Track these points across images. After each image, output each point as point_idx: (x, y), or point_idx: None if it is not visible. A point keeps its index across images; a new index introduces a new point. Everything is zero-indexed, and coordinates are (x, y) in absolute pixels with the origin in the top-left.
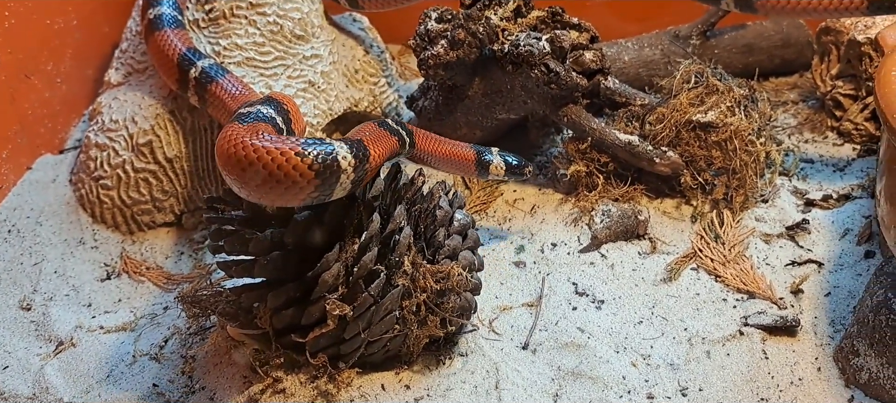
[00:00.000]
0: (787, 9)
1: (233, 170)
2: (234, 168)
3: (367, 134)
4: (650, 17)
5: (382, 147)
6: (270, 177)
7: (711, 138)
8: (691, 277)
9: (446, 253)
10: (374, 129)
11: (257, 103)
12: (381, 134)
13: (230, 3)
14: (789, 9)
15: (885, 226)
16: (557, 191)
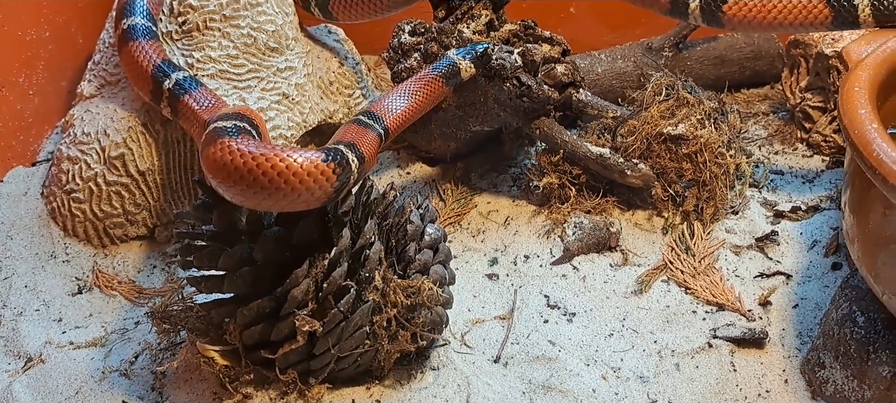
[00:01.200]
0: (753, 23)
1: (252, 186)
2: (254, 183)
3: (354, 134)
4: (627, 25)
5: (371, 145)
6: (299, 187)
7: (682, 150)
8: (662, 289)
9: (417, 267)
10: (357, 129)
11: (232, 116)
12: (363, 131)
13: (204, 16)
14: (755, 23)
15: (850, 239)
16: (531, 202)
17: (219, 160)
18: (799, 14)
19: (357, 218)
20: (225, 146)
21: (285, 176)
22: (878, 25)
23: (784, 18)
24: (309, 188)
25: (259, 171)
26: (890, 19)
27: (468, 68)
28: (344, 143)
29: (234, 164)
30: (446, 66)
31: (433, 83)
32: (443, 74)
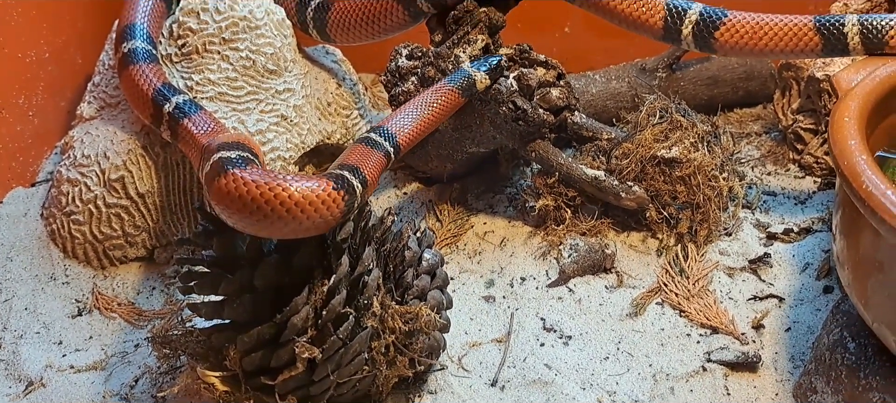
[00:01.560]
0: (744, 50)
1: (261, 216)
2: (263, 213)
3: (359, 157)
4: (622, 45)
5: (375, 167)
6: (309, 215)
7: (676, 173)
8: (656, 312)
9: (415, 293)
10: (363, 150)
11: (234, 147)
12: (368, 152)
13: (203, 39)
14: (747, 50)
15: (840, 263)
16: (527, 223)
17: (229, 192)
18: (789, 41)
19: (356, 244)
20: (235, 178)
21: (295, 205)
22: (867, 53)
23: (775, 46)
24: (318, 215)
25: (270, 201)
26: (879, 47)
27: (483, 80)
28: (348, 168)
29: (245, 196)
30: (462, 78)
31: (450, 95)
32: (459, 86)
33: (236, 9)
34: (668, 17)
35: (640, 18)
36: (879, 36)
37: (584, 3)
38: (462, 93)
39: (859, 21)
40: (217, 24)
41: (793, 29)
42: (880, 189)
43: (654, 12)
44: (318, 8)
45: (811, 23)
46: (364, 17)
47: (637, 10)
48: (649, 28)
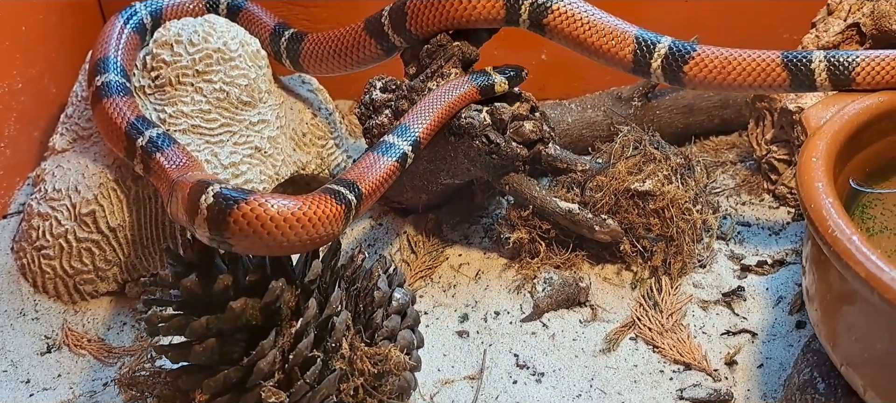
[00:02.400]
0: (713, 84)
1: (277, 238)
2: (280, 236)
3: (363, 169)
4: (597, 73)
5: (376, 180)
6: (320, 234)
7: (649, 206)
8: (630, 347)
9: (385, 334)
10: (373, 159)
11: (220, 181)
12: (376, 160)
13: (176, 71)
14: (715, 84)
15: (809, 298)
16: (502, 255)
17: (254, 218)
18: (758, 76)
19: (326, 283)
20: (259, 204)
21: (311, 225)
22: (834, 89)
23: (743, 80)
24: (326, 232)
25: (292, 225)
26: (846, 83)
27: (502, 83)
28: (346, 183)
29: (268, 222)
30: (483, 77)
31: (471, 90)
32: (480, 85)
33: (210, 41)
34: (638, 51)
35: (610, 51)
36: (846, 72)
37: (555, 35)
38: (480, 92)
39: (826, 57)
40: (191, 56)
41: (761, 64)
42: (846, 234)
43: (625, 45)
44: (292, 39)
45: (779, 58)
46: (337, 50)
47: (607, 43)
48: (619, 61)
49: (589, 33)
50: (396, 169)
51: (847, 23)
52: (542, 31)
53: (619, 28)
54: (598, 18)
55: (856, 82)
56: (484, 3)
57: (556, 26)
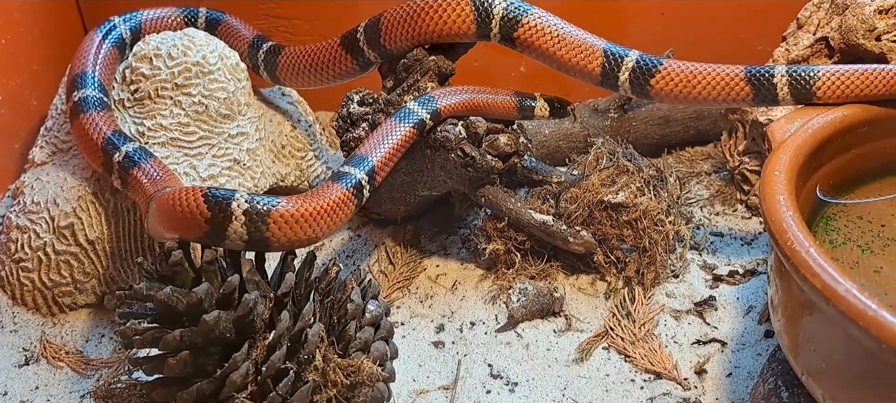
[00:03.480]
0: (679, 98)
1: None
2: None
3: (372, 145)
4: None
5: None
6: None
7: (622, 218)
8: (603, 357)
9: (358, 345)
10: (389, 127)
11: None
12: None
13: (155, 84)
14: (681, 98)
15: (773, 308)
16: (479, 266)
17: (300, 214)
18: (722, 91)
19: (300, 294)
20: (304, 202)
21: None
22: (796, 103)
23: (708, 94)
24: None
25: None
26: (807, 97)
27: (543, 108)
28: (353, 163)
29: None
30: (527, 98)
31: (508, 102)
32: (519, 104)
33: (189, 54)
34: (606, 64)
35: (579, 65)
36: (807, 86)
37: (526, 49)
38: (518, 109)
39: (788, 72)
40: (170, 69)
41: (725, 78)
42: (804, 246)
43: (593, 59)
44: (270, 51)
45: (742, 73)
46: (313, 64)
47: (576, 57)
48: (588, 74)
49: (558, 47)
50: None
51: (816, 36)
52: (513, 45)
53: (588, 42)
54: (568, 32)
55: (817, 96)
56: (455, 18)
57: (526, 40)
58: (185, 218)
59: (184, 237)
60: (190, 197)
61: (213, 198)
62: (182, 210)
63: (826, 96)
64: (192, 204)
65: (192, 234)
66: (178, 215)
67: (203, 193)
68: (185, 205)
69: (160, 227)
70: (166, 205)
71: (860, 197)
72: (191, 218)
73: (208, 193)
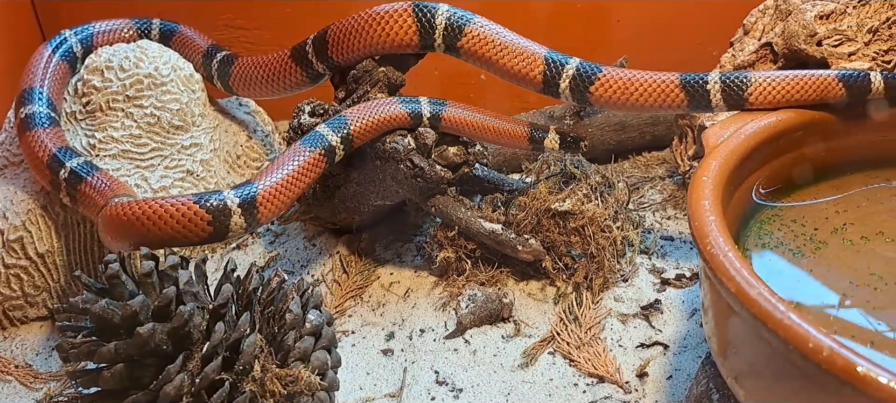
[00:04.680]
0: (617, 104)
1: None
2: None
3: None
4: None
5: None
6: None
7: (570, 225)
8: (548, 361)
9: (297, 355)
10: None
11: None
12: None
13: (107, 97)
14: (619, 104)
15: (704, 311)
16: (432, 273)
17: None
18: (658, 97)
19: (240, 306)
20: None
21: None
22: (729, 109)
23: (645, 101)
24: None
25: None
26: (740, 103)
27: (553, 140)
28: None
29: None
30: (539, 130)
31: (519, 131)
32: (530, 132)
33: (141, 66)
34: (548, 71)
35: (521, 72)
36: (740, 92)
37: (469, 57)
38: (529, 139)
39: (721, 78)
40: (121, 81)
41: (660, 85)
42: (722, 249)
43: (535, 66)
44: (223, 61)
45: (677, 80)
46: (264, 75)
47: (518, 64)
48: (530, 81)
49: (500, 55)
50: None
51: (761, 42)
52: (457, 54)
53: (530, 49)
54: (510, 40)
55: (749, 102)
56: (398, 30)
57: (470, 49)
58: (186, 227)
59: (181, 244)
60: (184, 208)
61: (208, 202)
62: (180, 221)
63: (758, 102)
64: (189, 213)
65: (194, 239)
66: (177, 227)
67: (196, 201)
68: (182, 216)
69: (150, 241)
70: (155, 219)
71: (796, 200)
72: (192, 226)
73: (202, 200)
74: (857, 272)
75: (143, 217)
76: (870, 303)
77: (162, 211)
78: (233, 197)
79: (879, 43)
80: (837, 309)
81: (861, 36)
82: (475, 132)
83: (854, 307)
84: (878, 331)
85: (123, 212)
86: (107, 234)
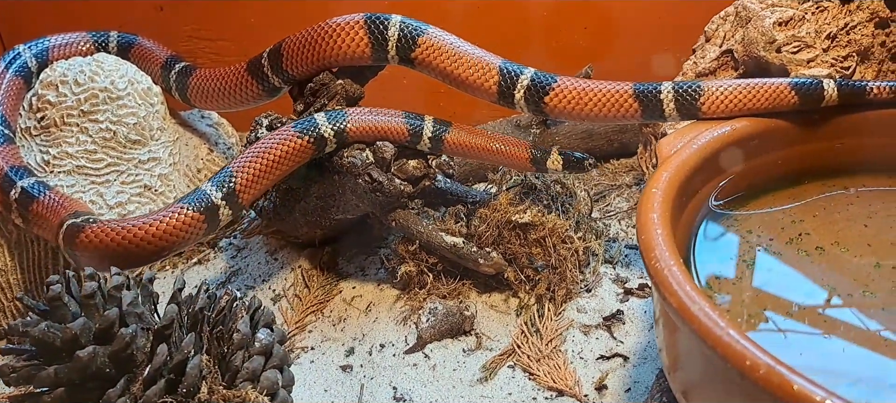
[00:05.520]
0: (572, 115)
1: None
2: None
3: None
4: None
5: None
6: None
7: (531, 236)
8: (507, 375)
9: (245, 376)
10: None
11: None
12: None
13: (61, 112)
14: (574, 115)
15: (656, 323)
16: (395, 286)
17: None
18: (611, 108)
19: (188, 327)
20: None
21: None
22: (682, 118)
23: (599, 111)
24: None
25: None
26: (693, 113)
27: (556, 161)
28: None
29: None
30: (540, 151)
31: (521, 147)
32: (531, 152)
33: (97, 80)
34: (502, 82)
35: (475, 82)
36: (692, 102)
37: (424, 68)
38: (531, 160)
39: (674, 88)
40: (76, 96)
41: (614, 95)
42: (668, 264)
43: (489, 77)
44: (181, 72)
45: (631, 89)
46: (221, 88)
47: (473, 75)
48: (485, 91)
49: (455, 65)
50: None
51: (722, 49)
52: (411, 65)
53: (485, 59)
54: (464, 50)
55: (702, 111)
56: (350, 42)
57: (424, 59)
58: (185, 232)
59: (178, 249)
60: (178, 214)
61: (199, 203)
62: (176, 229)
63: (711, 111)
64: (185, 219)
65: (192, 241)
66: (174, 235)
67: (188, 205)
68: (178, 223)
69: (145, 257)
70: (149, 237)
71: (752, 210)
72: (191, 228)
73: (192, 201)
74: (811, 284)
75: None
76: (819, 317)
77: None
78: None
79: (838, 49)
80: (788, 319)
81: (820, 42)
82: (478, 155)
83: (804, 321)
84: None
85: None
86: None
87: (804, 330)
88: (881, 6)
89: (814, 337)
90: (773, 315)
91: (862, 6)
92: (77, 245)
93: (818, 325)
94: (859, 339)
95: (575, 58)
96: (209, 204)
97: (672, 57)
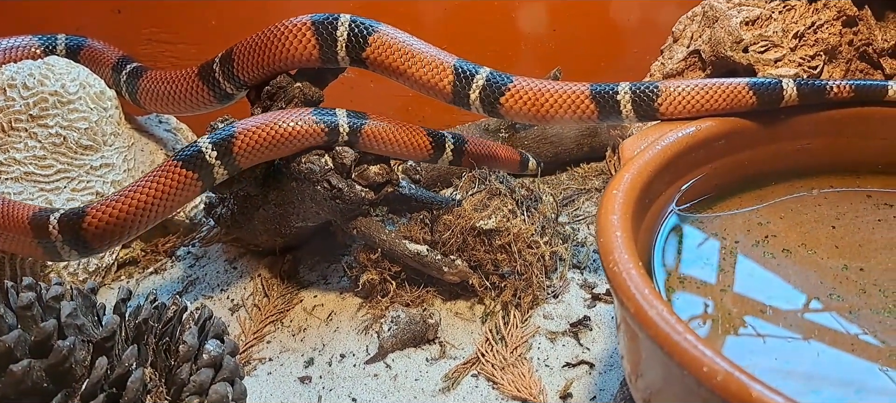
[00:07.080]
0: (528, 116)
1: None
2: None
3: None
4: None
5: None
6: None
7: (496, 242)
8: (471, 384)
9: (192, 389)
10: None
11: None
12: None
13: (9, 116)
14: (530, 116)
15: (618, 329)
16: (357, 295)
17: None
18: (568, 108)
19: (130, 339)
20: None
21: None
22: (639, 120)
23: (556, 112)
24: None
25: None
26: (650, 114)
27: (535, 166)
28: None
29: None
30: (526, 159)
31: (512, 153)
32: (522, 159)
33: (46, 84)
34: (457, 82)
35: (430, 82)
36: (650, 103)
37: (377, 68)
38: (521, 165)
39: (631, 88)
40: (25, 100)
41: (571, 96)
42: (626, 267)
43: (444, 76)
44: (132, 74)
45: (587, 90)
46: (171, 92)
47: (427, 74)
48: (440, 92)
49: (409, 64)
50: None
51: (689, 50)
52: (364, 65)
53: (439, 58)
54: (418, 49)
55: (660, 113)
56: (296, 44)
57: (376, 58)
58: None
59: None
60: (171, 171)
61: (189, 159)
62: (171, 184)
63: (668, 112)
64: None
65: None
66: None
67: (177, 161)
68: (174, 179)
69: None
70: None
71: (719, 211)
72: (187, 186)
73: (184, 157)
74: (779, 286)
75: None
76: (787, 320)
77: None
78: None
79: (805, 48)
80: (757, 321)
81: (787, 41)
82: (491, 162)
83: (774, 323)
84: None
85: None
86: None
87: (773, 333)
88: (848, 4)
89: (781, 340)
90: (742, 318)
91: (829, 4)
92: (85, 231)
93: (787, 327)
94: (827, 340)
95: (541, 61)
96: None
97: (641, 58)
